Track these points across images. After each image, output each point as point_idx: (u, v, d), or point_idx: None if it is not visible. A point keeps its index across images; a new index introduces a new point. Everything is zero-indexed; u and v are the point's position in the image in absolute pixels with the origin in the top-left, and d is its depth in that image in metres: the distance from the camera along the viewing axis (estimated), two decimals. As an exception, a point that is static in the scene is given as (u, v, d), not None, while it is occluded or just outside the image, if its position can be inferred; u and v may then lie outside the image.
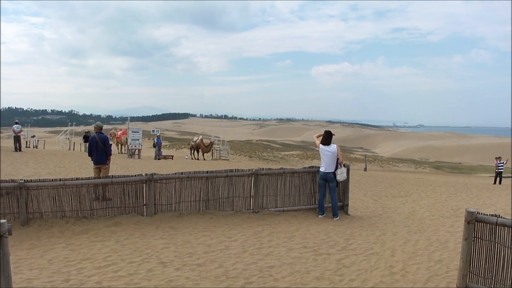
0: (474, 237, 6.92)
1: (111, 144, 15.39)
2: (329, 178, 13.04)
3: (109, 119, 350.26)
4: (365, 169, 54.80)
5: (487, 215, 6.87)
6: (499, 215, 6.80)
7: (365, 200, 17.83)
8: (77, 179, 11.50)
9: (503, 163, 36.27)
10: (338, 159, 13.03)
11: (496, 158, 37.26)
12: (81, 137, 45.90)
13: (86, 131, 44.03)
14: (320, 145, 13.08)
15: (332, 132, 13.33)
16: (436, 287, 7.58)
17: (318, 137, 13.53)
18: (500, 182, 34.80)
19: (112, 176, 12.14)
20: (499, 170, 35.64)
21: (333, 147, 12.97)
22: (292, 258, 8.97)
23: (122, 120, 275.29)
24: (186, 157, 45.99)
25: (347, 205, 14.06)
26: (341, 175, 13.05)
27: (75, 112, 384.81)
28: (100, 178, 12.27)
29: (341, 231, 11.57)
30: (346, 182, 13.81)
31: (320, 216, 13.16)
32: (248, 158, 71.46)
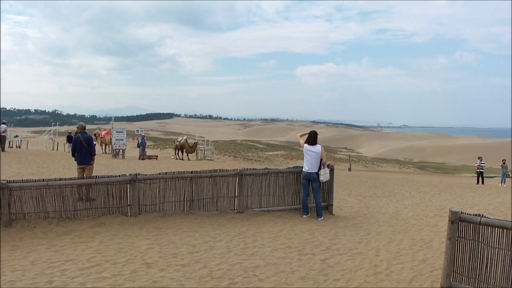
0: (458, 236, 6.95)
1: (95, 144, 15.32)
2: (312, 178, 13.05)
3: (93, 119, 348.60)
4: (350, 169, 55.02)
5: (471, 214, 6.91)
6: (482, 215, 6.84)
7: (349, 200, 17.88)
8: (60, 179, 11.41)
9: (484, 163, 36.56)
10: (321, 159, 13.05)
11: (478, 158, 37.56)
12: (65, 137, 45.67)
13: (69, 131, 43.75)
14: (305, 144, 13.08)
15: (317, 132, 13.37)
16: (421, 286, 7.60)
17: (301, 136, 13.54)
18: (482, 182, 35.05)
19: (96, 176, 12.07)
20: (481, 170, 35.91)
21: (317, 147, 12.99)
22: (277, 258, 8.96)
23: (106, 120, 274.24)
24: (172, 157, 45.89)
25: (332, 205, 14.08)
26: (324, 175, 13.07)
27: (59, 112, 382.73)
28: (84, 178, 12.19)
29: (326, 231, 11.58)
30: (330, 182, 13.83)
31: (304, 216, 13.17)
32: (232, 158, 71.48)
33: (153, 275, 7.77)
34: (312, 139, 13.07)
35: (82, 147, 13.80)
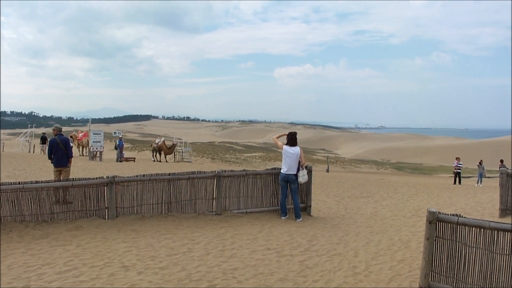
0: (436, 236, 6.99)
1: (72, 146, 15.19)
2: (290, 180, 13.05)
3: (70, 121, 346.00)
4: (327, 170, 55.23)
5: (448, 214, 6.96)
6: (460, 215, 6.89)
7: (327, 201, 17.93)
8: (37, 182, 11.28)
9: (462, 164, 36.90)
10: (300, 161, 13.07)
11: (455, 158, 37.89)
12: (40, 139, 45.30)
13: (44, 132, 43.31)
14: (284, 146, 13.09)
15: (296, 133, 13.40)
16: (399, 286, 7.63)
17: (278, 138, 13.55)
18: (459, 182, 35.36)
19: (73, 179, 11.95)
20: (458, 171, 36.24)
21: (296, 148, 13.00)
22: (256, 260, 8.95)
23: (84, 122, 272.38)
24: (153, 159, 45.71)
25: (310, 206, 14.10)
26: (303, 177, 13.09)
27: (35, 114, 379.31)
28: (61, 181, 12.08)
29: (304, 232, 11.59)
30: (308, 183, 13.85)
31: (282, 217, 13.17)
32: (210, 160, 71.36)
33: (131, 278, 7.72)
34: (292, 140, 13.08)
35: (59, 150, 13.69)
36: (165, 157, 45.35)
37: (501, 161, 34.81)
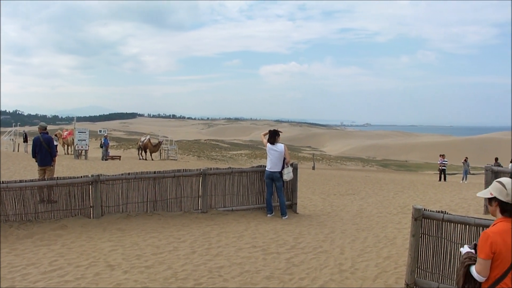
0: (421, 233, 7.01)
1: (56, 145, 15.05)
2: (275, 178, 13.04)
3: (55, 119, 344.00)
4: (313, 168, 55.29)
5: (434, 211, 6.98)
6: (445, 212, 6.91)
7: (313, 198, 17.95)
8: (21, 181, 11.20)
9: (446, 160, 37.07)
10: (285, 158, 13.06)
11: (440, 155, 38.05)
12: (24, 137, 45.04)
13: (25, 131, 43.04)
14: (268, 144, 13.08)
15: (279, 131, 13.36)
16: (385, 283, 7.65)
17: (265, 135, 13.53)
18: (445, 179, 35.55)
19: (57, 177, 11.87)
20: (443, 168, 36.41)
21: (280, 146, 12.99)
22: (242, 258, 8.93)
23: (69, 120, 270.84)
24: (139, 157, 45.53)
25: (296, 203, 14.10)
26: (287, 174, 13.06)
27: (19, 112, 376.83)
28: (45, 180, 11.99)
29: (290, 230, 11.58)
30: (294, 181, 13.84)
31: (268, 215, 13.16)
32: (196, 158, 71.20)
33: (117, 277, 7.68)
34: (272, 138, 13.06)
35: (42, 148, 13.58)
36: (151, 155, 45.24)
37: (496, 159, 34.84)
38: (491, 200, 4.29)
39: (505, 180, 4.29)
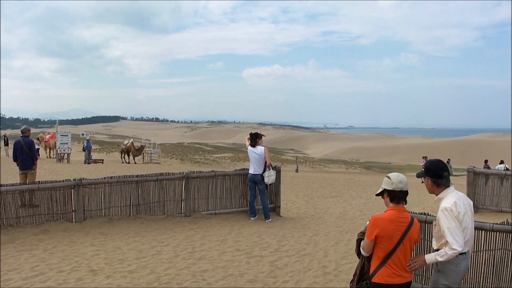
0: (404, 235, 7.03)
1: (38, 148, 14.93)
2: (257, 181, 13.02)
3: (37, 122, 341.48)
4: (297, 170, 55.31)
5: (416, 213, 7.02)
6: (427, 213, 6.97)
7: (297, 201, 17.95)
8: (1, 185, 11.09)
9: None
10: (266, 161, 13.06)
11: (423, 157, 38.25)
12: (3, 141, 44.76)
13: (5, 134, 42.74)
14: (249, 147, 13.09)
15: (262, 134, 13.35)
16: (368, 286, 7.66)
17: (248, 139, 13.52)
18: (428, 181, 35.71)
19: (39, 181, 11.78)
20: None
21: (260, 149, 12.97)
22: (225, 262, 8.92)
23: (51, 123, 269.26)
24: (122, 161, 45.30)
25: (279, 206, 14.10)
26: (269, 177, 13.03)
27: (1, 115, 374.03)
28: (27, 184, 11.89)
29: (274, 233, 11.58)
30: (277, 183, 13.84)
31: (252, 218, 13.15)
32: (180, 161, 71.00)
33: (99, 282, 7.64)
34: (252, 140, 13.06)
35: (23, 152, 13.46)
36: (134, 158, 45.07)
37: (486, 161, 35.05)
38: (383, 194, 5.01)
39: (392, 173, 5.08)
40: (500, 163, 31.33)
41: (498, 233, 6.47)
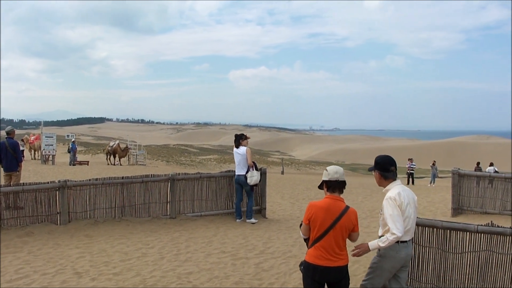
0: (389, 237, 7.07)
1: (23, 150, 14.85)
2: (241, 182, 13.01)
3: (22, 124, 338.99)
4: (282, 172, 55.42)
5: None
6: (412, 216, 6.98)
7: (282, 203, 17.97)
8: (-15, 187, 11.04)
9: (414, 164, 37.45)
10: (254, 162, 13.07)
11: (408, 159, 38.39)
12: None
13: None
14: (234, 148, 13.14)
15: (246, 136, 13.33)
16: (354, 287, 7.67)
17: None
18: (413, 183, 35.90)
19: (24, 183, 11.71)
20: (411, 171, 36.78)
21: (242, 149, 12.97)
22: (211, 264, 8.91)
23: (36, 124, 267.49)
24: (108, 162, 45.14)
25: (265, 208, 14.11)
26: (251, 178, 12.97)
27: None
28: (11, 185, 11.81)
29: (259, 234, 11.59)
30: (263, 185, 13.85)
31: (237, 220, 13.14)
32: (165, 163, 70.90)
33: (84, 285, 7.60)
34: (236, 141, 13.09)
35: (8, 153, 13.37)
36: (119, 160, 44.96)
37: (478, 163, 35.13)
38: (322, 185, 5.58)
39: (330, 166, 5.67)
40: (489, 166, 31.66)
41: (483, 234, 6.50)
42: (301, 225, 5.59)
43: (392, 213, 5.39)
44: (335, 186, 5.47)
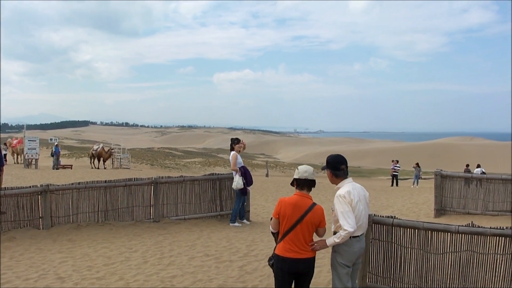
0: (372, 238, 7.11)
1: (5, 154, 14.70)
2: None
3: (4, 127, 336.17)
4: (267, 175, 55.39)
5: (383, 216, 7.09)
6: (394, 216, 7.04)
7: (266, 206, 17.99)
8: (-33, 192, 10.96)
9: (399, 166, 37.61)
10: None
11: (392, 161, 38.56)
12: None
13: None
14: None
15: (236, 139, 13.37)
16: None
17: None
18: (397, 184, 36.06)
19: (5, 188, 11.63)
20: (395, 173, 36.95)
21: (231, 154, 13.07)
22: (194, 267, 8.89)
23: (19, 128, 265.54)
24: (91, 166, 44.90)
25: (248, 211, 14.13)
26: (234, 183, 13.04)
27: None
28: (-8, 190, 11.73)
29: (243, 237, 11.59)
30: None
31: (231, 224, 13.20)
32: (150, 166, 70.65)
33: (67, 289, 7.56)
34: (230, 145, 13.18)
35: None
36: (104, 163, 44.81)
37: (467, 165, 35.29)
38: (293, 183, 5.96)
39: (300, 166, 6.09)
40: (477, 167, 31.94)
41: (463, 235, 6.55)
42: (271, 219, 5.96)
43: (343, 210, 5.68)
44: (303, 184, 5.87)
